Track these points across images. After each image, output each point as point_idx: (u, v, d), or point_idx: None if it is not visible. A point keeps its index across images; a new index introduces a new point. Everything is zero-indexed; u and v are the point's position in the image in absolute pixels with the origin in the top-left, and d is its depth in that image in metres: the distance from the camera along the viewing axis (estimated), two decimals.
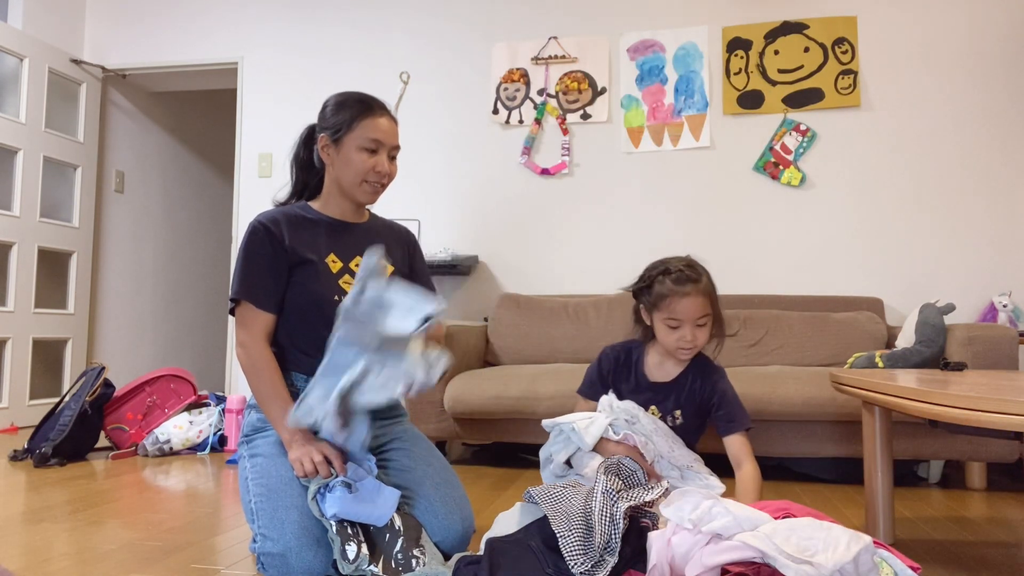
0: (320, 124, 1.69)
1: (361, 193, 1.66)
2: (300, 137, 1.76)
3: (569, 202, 3.76)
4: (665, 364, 1.87)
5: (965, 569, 1.59)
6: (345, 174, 1.64)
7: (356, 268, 1.66)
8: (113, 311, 4.67)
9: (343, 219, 1.72)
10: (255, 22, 4.24)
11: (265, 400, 1.56)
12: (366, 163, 1.62)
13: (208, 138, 5.58)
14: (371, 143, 1.62)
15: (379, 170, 1.64)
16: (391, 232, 1.81)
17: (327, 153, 1.67)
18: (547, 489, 1.44)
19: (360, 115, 1.63)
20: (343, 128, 1.63)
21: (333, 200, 1.71)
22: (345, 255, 1.68)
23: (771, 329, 3.13)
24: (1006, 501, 2.35)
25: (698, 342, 1.79)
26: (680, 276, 1.80)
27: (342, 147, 1.63)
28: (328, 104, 1.69)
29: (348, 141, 1.62)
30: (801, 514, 1.34)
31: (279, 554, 1.36)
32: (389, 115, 1.68)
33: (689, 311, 1.77)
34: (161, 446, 3.05)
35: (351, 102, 1.65)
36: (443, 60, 3.97)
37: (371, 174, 1.63)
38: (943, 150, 3.44)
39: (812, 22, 3.57)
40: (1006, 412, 1.11)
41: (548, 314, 3.31)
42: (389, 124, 1.66)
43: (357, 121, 1.62)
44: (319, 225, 1.68)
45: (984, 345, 2.52)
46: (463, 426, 2.85)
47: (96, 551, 1.65)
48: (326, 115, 1.68)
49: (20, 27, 4.09)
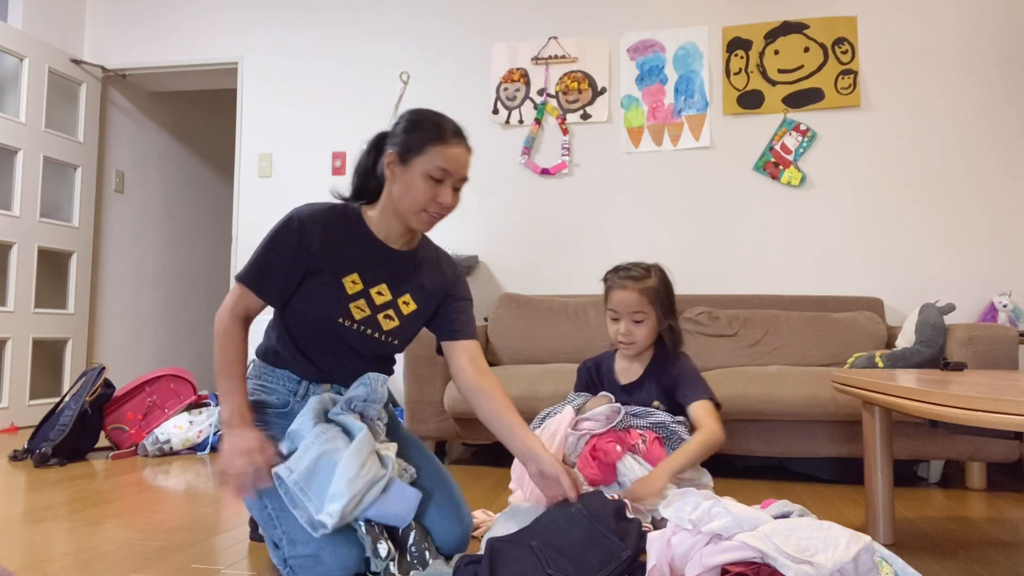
0: (391, 137, 1.58)
1: (417, 221, 1.55)
2: (368, 143, 1.65)
3: (569, 202, 3.76)
4: (631, 366, 1.98)
5: (965, 569, 1.59)
6: (405, 198, 1.53)
7: (377, 295, 1.59)
8: (113, 311, 4.67)
9: (387, 241, 1.60)
10: (255, 22, 4.24)
11: (220, 372, 1.53)
12: (428, 192, 1.51)
13: (208, 138, 5.58)
14: (439, 172, 1.51)
15: (441, 201, 1.52)
16: (434, 266, 1.68)
17: (392, 170, 1.55)
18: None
19: (433, 139, 1.52)
20: (413, 149, 1.52)
21: (385, 216, 1.59)
22: (369, 279, 1.58)
23: (771, 329, 3.12)
24: (1006, 501, 2.35)
25: (635, 337, 1.90)
26: (624, 273, 1.92)
27: (408, 169, 1.52)
28: (402, 118, 1.58)
29: (415, 164, 1.51)
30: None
31: (311, 555, 1.35)
32: (464, 143, 1.57)
33: (623, 303, 1.88)
34: (161, 446, 3.05)
35: (427, 123, 1.55)
36: (443, 60, 3.97)
37: (431, 204, 1.52)
38: (943, 150, 3.44)
39: (812, 22, 3.57)
40: (1006, 412, 1.11)
41: (548, 314, 3.31)
42: (462, 154, 1.55)
43: (429, 145, 1.51)
44: (358, 239, 1.58)
45: (984, 345, 2.52)
46: (463, 426, 2.85)
47: (96, 551, 1.65)
48: (398, 130, 1.56)
49: (20, 27, 4.09)
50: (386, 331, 1.61)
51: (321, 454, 1.41)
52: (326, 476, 1.39)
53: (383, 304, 1.59)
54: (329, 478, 1.39)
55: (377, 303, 1.59)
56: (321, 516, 1.36)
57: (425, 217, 1.54)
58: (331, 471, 1.39)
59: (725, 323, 3.16)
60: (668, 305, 1.91)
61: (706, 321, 3.13)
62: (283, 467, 1.43)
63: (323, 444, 1.43)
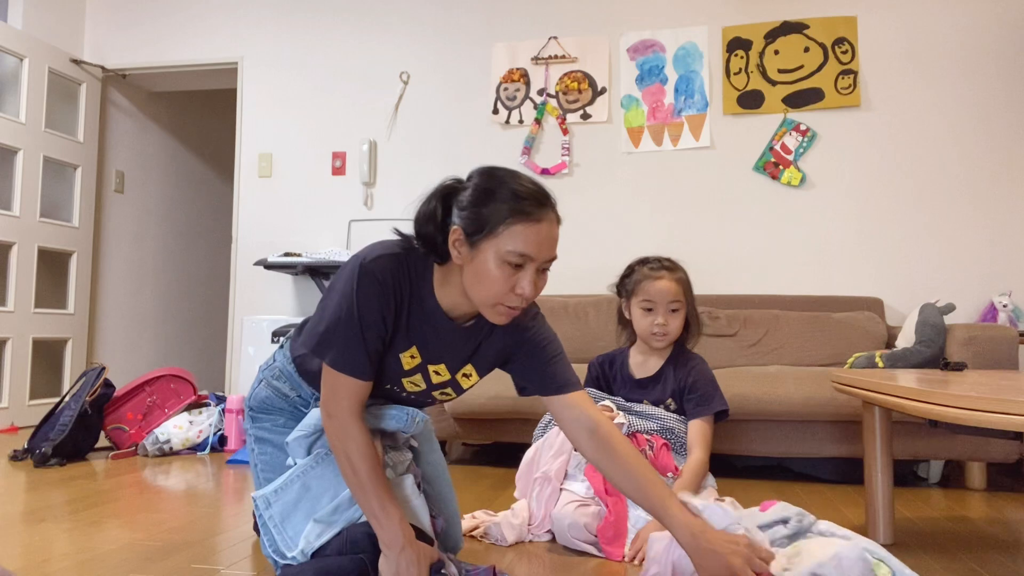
0: (457, 203, 1.27)
1: (492, 314, 1.28)
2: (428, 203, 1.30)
3: (569, 202, 3.76)
4: (648, 361, 2.01)
5: (965, 569, 1.59)
6: (475, 288, 1.26)
7: (435, 374, 1.40)
8: (113, 311, 4.67)
9: (451, 313, 1.35)
10: (255, 22, 4.24)
11: (363, 487, 1.27)
12: (506, 281, 1.23)
13: (208, 138, 5.58)
14: (519, 258, 1.22)
15: (520, 292, 1.23)
16: (500, 339, 1.43)
17: (458, 249, 1.26)
18: None
19: (511, 217, 1.22)
20: (483, 230, 1.22)
21: (454, 292, 1.32)
22: (429, 356, 1.37)
23: (771, 329, 3.13)
24: (1006, 501, 2.35)
25: (670, 328, 1.93)
26: (656, 264, 1.97)
27: (479, 251, 1.23)
28: (471, 183, 1.28)
29: (487, 248, 1.22)
30: None
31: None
32: (552, 216, 1.27)
33: (661, 293, 1.91)
34: (161, 446, 3.04)
35: (504, 195, 1.24)
36: (443, 60, 3.97)
37: (510, 296, 1.24)
38: (943, 150, 3.44)
39: (812, 22, 3.57)
40: (1006, 412, 1.11)
41: (548, 314, 3.31)
42: (549, 231, 1.25)
43: (506, 226, 1.21)
44: (422, 307, 1.34)
45: (984, 345, 2.52)
46: (463, 426, 2.85)
47: (96, 551, 1.65)
48: (464, 200, 1.26)
49: (20, 27, 4.09)
50: (439, 400, 1.49)
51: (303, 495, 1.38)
52: (306, 515, 1.36)
53: (440, 383, 1.43)
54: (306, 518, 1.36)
55: (434, 381, 1.42)
56: (294, 553, 1.33)
57: (502, 310, 1.26)
58: (313, 510, 1.36)
59: (725, 323, 3.16)
60: (693, 296, 1.98)
61: (706, 321, 3.13)
62: (262, 497, 1.40)
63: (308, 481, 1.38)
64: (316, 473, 1.40)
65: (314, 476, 1.39)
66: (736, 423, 2.60)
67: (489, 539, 1.77)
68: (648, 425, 1.86)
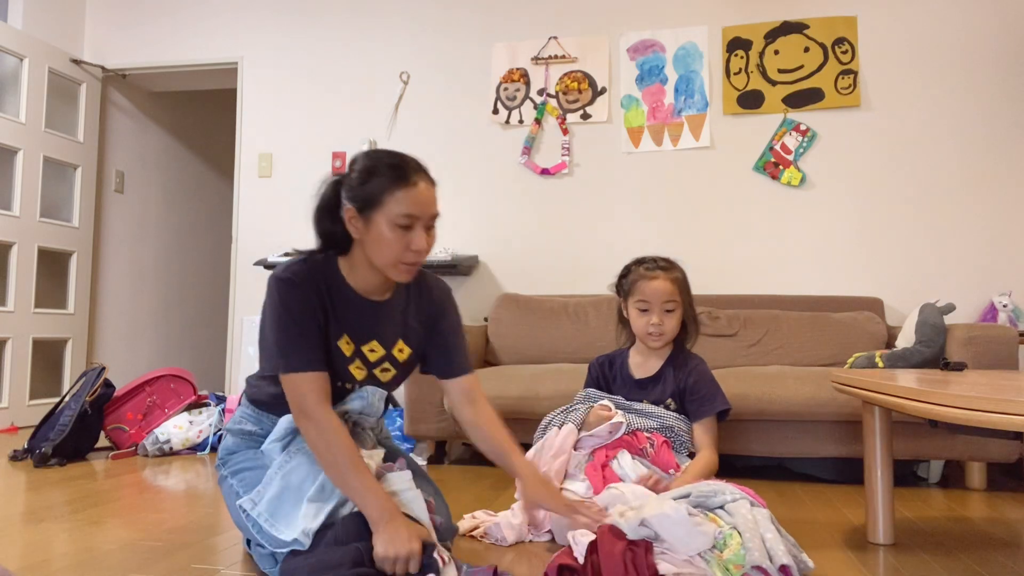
0: (346, 189, 1.46)
1: (395, 273, 1.46)
2: (322, 195, 1.51)
3: (569, 202, 3.76)
4: (647, 362, 2.01)
5: (965, 569, 1.59)
6: (376, 254, 1.44)
7: (370, 352, 1.53)
8: (113, 311, 4.67)
9: (368, 295, 1.53)
10: (255, 22, 4.24)
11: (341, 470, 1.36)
12: (400, 241, 1.42)
13: (208, 138, 5.57)
14: (405, 219, 1.41)
15: (415, 248, 1.43)
16: (418, 301, 1.62)
17: (354, 226, 1.45)
18: None
19: (391, 186, 1.41)
20: (372, 203, 1.41)
21: (362, 271, 1.51)
22: (360, 337, 1.52)
23: (771, 329, 3.12)
24: (1006, 501, 2.35)
25: (665, 328, 1.93)
26: (651, 264, 1.97)
27: (372, 224, 1.42)
28: (355, 167, 1.47)
29: (378, 217, 1.41)
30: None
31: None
32: (426, 179, 1.45)
33: (656, 293, 1.92)
34: (161, 446, 3.04)
35: (381, 168, 1.43)
36: (443, 60, 3.97)
37: (407, 254, 1.43)
38: (943, 150, 3.44)
39: (812, 22, 3.57)
40: (1006, 412, 1.11)
41: (548, 314, 3.31)
42: (426, 191, 1.43)
43: (388, 194, 1.40)
44: (341, 297, 1.51)
45: (984, 345, 2.52)
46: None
47: (96, 551, 1.65)
48: (352, 182, 1.45)
49: (20, 27, 4.09)
50: (384, 382, 1.60)
51: (285, 486, 1.40)
52: (293, 504, 1.38)
53: (378, 360, 1.56)
54: (296, 505, 1.38)
55: (372, 360, 1.55)
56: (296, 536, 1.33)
57: (403, 268, 1.45)
58: (298, 498, 1.38)
59: (725, 323, 3.16)
60: (691, 296, 1.99)
61: (706, 321, 3.13)
62: (247, 499, 1.43)
63: (287, 474, 1.42)
64: (292, 466, 1.44)
65: (291, 469, 1.43)
66: (736, 423, 2.60)
67: (489, 539, 1.76)
68: (648, 423, 1.87)
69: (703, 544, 1.35)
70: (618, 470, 1.75)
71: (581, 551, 1.39)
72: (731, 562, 1.32)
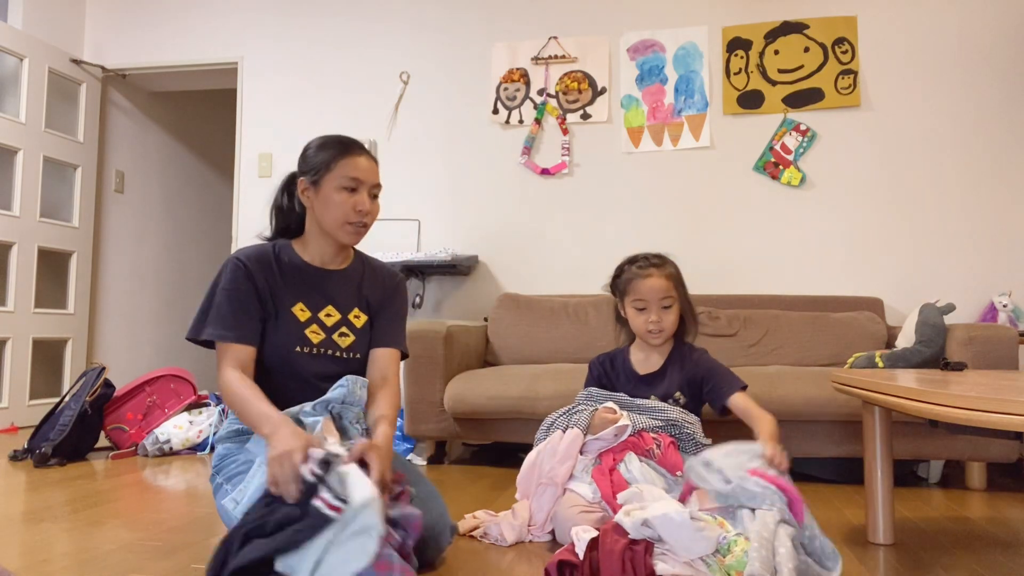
0: (300, 168, 1.68)
1: (344, 234, 1.64)
2: (281, 184, 1.76)
3: (569, 202, 3.76)
4: (649, 358, 2.02)
5: (965, 569, 1.59)
6: (326, 215, 1.62)
7: (326, 317, 1.65)
8: (113, 311, 4.67)
9: (322, 265, 1.70)
10: (255, 22, 4.24)
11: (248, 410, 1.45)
12: (347, 202, 1.60)
13: (208, 138, 5.57)
14: (350, 182, 1.61)
15: (360, 209, 1.61)
16: (373, 277, 1.76)
17: (307, 196, 1.66)
18: None
19: (338, 155, 1.62)
20: (322, 169, 1.62)
21: (314, 243, 1.69)
22: (315, 304, 1.66)
23: (771, 329, 3.12)
24: (1006, 501, 2.35)
25: (664, 324, 1.93)
26: (644, 262, 1.97)
27: (321, 188, 1.62)
28: (308, 148, 1.68)
29: (327, 182, 1.61)
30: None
31: None
32: (368, 155, 1.67)
33: (652, 291, 1.92)
34: (161, 446, 3.05)
35: (330, 143, 1.65)
36: (443, 60, 3.97)
37: (352, 214, 1.61)
38: (943, 150, 3.44)
39: (812, 22, 3.57)
40: (1006, 412, 1.11)
41: (548, 314, 3.31)
42: (368, 163, 1.65)
43: (335, 161, 1.61)
44: (294, 270, 1.67)
45: (984, 345, 2.52)
46: (463, 426, 2.85)
47: (96, 551, 1.65)
48: (306, 159, 1.67)
49: (20, 27, 4.09)
50: (344, 348, 1.66)
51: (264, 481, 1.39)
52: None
53: (335, 324, 1.67)
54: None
55: (329, 324, 1.66)
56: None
57: (350, 229, 1.63)
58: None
59: (725, 323, 3.16)
60: (686, 290, 1.99)
61: (706, 321, 3.13)
62: (229, 499, 1.46)
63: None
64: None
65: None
66: (736, 423, 2.59)
67: (489, 539, 1.76)
68: (652, 422, 1.84)
69: (704, 548, 1.35)
70: (626, 474, 1.72)
71: (583, 547, 1.40)
72: (732, 567, 1.32)
